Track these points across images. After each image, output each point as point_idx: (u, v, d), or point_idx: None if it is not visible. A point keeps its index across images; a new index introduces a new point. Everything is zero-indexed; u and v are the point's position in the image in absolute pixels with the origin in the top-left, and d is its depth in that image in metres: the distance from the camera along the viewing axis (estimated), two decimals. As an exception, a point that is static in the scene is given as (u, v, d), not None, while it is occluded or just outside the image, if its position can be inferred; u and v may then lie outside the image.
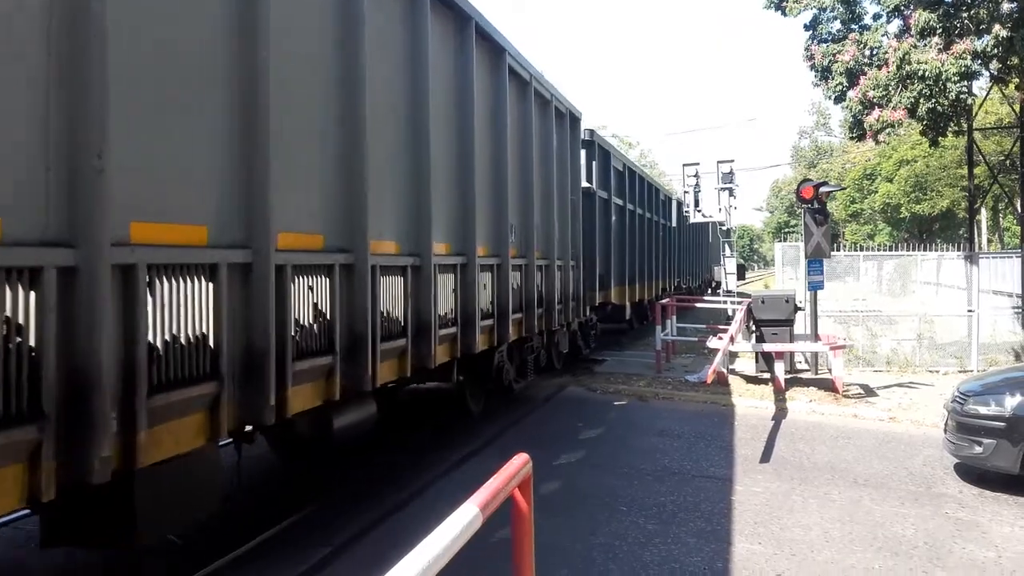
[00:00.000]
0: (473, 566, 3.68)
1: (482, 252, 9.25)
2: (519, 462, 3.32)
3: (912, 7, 16.58)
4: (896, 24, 17.99)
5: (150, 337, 4.14)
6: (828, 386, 13.45)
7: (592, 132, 16.49)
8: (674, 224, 25.68)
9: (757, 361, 14.83)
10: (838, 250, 21.31)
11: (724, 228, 26.40)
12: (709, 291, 33.29)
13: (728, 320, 18.80)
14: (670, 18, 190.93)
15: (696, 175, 24.57)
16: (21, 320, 3.43)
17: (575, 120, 14.05)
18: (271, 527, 6.72)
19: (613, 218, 17.85)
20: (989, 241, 47.59)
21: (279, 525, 6.81)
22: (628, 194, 19.39)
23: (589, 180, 16.09)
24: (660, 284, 23.59)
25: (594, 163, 16.40)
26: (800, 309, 14.96)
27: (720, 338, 13.76)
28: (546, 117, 12.28)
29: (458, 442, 9.87)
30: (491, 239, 9.67)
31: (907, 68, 16.11)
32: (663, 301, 18.66)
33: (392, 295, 7.06)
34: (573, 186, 13.74)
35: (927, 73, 15.84)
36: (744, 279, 44.79)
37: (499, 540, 3.53)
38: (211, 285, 4.61)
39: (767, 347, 13.88)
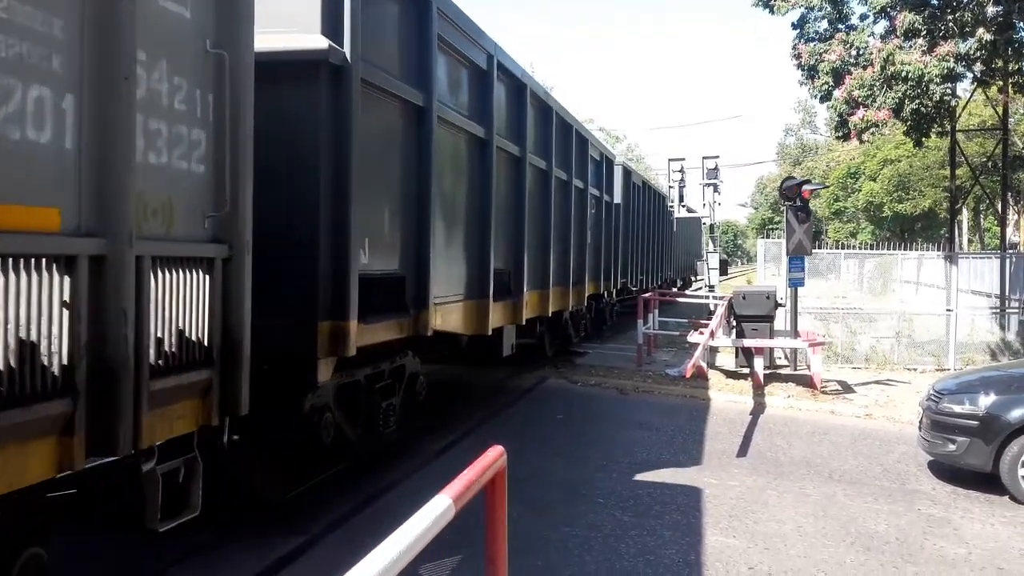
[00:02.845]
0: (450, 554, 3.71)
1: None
2: (494, 454, 3.34)
3: (898, 8, 16.69)
4: (882, 25, 18.11)
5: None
6: (806, 382, 13.56)
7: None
8: (617, 199, 19.20)
9: (737, 356, 14.93)
10: (820, 248, 21.44)
11: (708, 223, 26.30)
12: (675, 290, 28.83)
13: (710, 315, 18.90)
14: (659, 13, 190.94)
15: (681, 170, 24.71)
16: None
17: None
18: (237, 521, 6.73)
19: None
20: (970, 241, 48.02)
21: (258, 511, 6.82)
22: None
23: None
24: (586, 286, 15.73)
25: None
26: (781, 305, 15.07)
27: (701, 333, 13.85)
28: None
29: (436, 433, 9.90)
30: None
31: (891, 69, 16.23)
32: (645, 295, 18.74)
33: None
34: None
35: (910, 74, 15.96)
36: (727, 274, 45.05)
37: (476, 527, 3.56)
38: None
39: (747, 342, 13.97)
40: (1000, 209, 24.37)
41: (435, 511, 2.71)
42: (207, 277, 4.61)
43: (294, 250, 6.19)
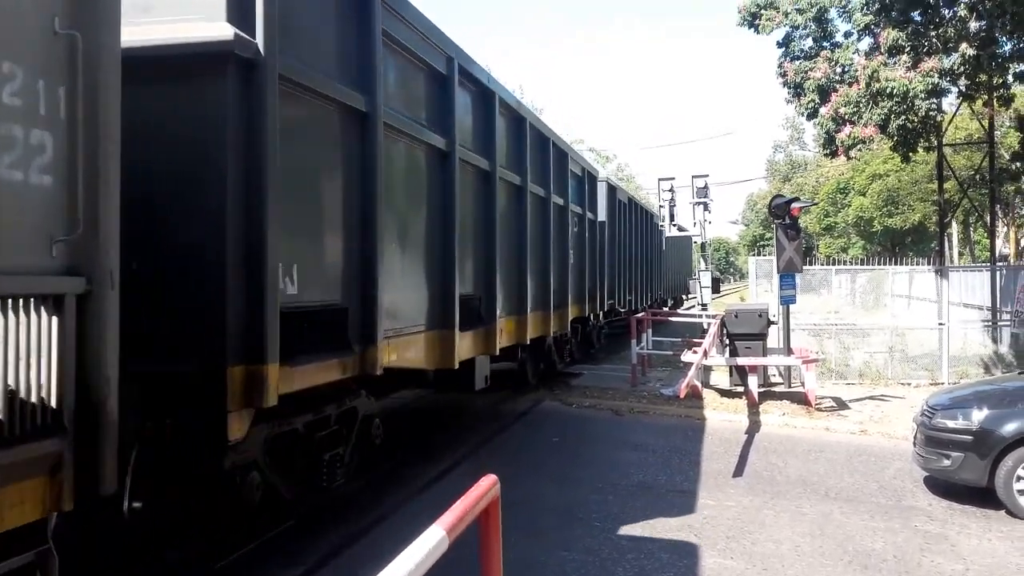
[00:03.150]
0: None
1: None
2: (487, 484, 3.34)
3: (881, 26, 16.88)
4: (867, 42, 18.31)
5: None
6: (801, 399, 13.56)
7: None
8: (601, 217, 18.44)
9: (731, 375, 14.93)
10: (812, 263, 21.59)
11: (699, 241, 26.35)
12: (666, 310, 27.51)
13: (703, 333, 18.91)
14: (646, 34, 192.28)
15: (671, 189, 24.82)
16: None
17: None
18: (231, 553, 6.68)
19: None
20: (960, 255, 48.25)
21: (240, 550, 6.77)
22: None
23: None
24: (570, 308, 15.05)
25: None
26: (773, 323, 15.09)
27: (695, 352, 13.86)
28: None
29: (433, 457, 9.86)
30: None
31: (876, 86, 16.38)
32: (638, 315, 18.75)
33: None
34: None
35: (896, 90, 16.11)
36: (719, 292, 45.08)
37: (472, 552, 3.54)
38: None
39: (741, 361, 13.97)
40: (989, 222, 24.52)
41: (429, 543, 2.70)
42: (54, 319, 3.57)
43: (195, 277, 5.21)
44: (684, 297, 38.99)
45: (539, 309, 12.56)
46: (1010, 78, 18.72)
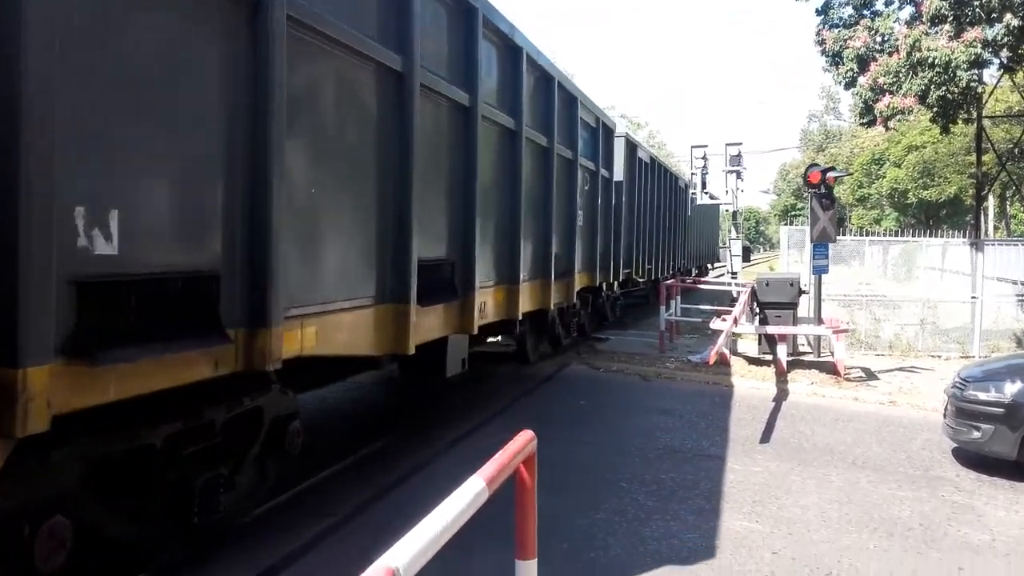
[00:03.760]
0: (472, 538, 3.79)
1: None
2: (524, 439, 3.41)
3: (924, -7, 16.54)
4: (908, 11, 18.01)
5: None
6: (830, 369, 13.54)
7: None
8: (618, 176, 16.54)
9: (760, 343, 14.92)
10: (844, 234, 21.31)
11: (731, 210, 26.13)
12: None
13: (732, 302, 18.87)
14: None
15: (704, 157, 24.60)
16: None
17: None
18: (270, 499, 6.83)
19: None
20: (995, 228, 47.53)
21: (283, 495, 6.93)
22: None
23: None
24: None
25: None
26: (804, 292, 15.04)
27: (724, 319, 13.85)
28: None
29: (454, 420, 9.98)
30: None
31: (917, 55, 16.12)
32: (667, 282, 18.73)
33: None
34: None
35: (937, 61, 15.85)
36: (749, 261, 44.81)
37: (497, 513, 3.63)
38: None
39: (770, 329, 13.96)
40: (1027, 196, 24.14)
41: (470, 493, 2.78)
42: None
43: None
44: (709, 267, 38.68)
45: (538, 277, 11.06)
46: (1054, 49, 18.33)
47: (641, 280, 19.96)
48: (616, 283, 17.65)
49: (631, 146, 18.19)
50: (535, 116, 10.71)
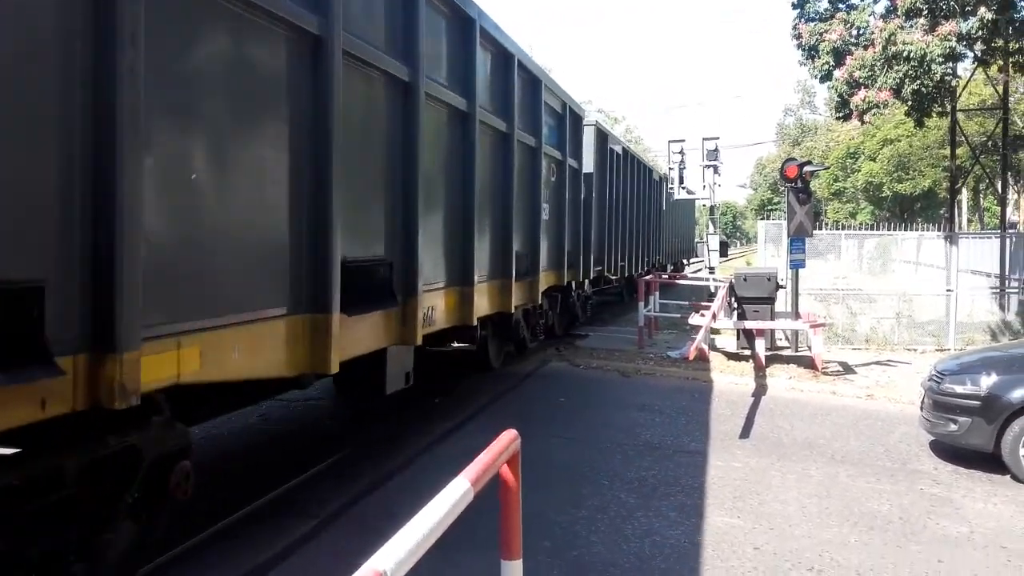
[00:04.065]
0: (457, 537, 3.76)
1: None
2: (508, 438, 3.39)
3: (899, -13, 16.67)
4: (883, 4, 18.14)
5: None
6: (808, 363, 13.62)
7: None
8: (588, 168, 15.80)
9: (738, 338, 14.98)
10: (820, 228, 21.51)
11: (709, 205, 26.20)
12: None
13: (710, 297, 18.94)
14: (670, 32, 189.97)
15: (681, 152, 24.69)
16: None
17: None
18: (250, 502, 6.77)
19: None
20: (969, 221, 48.06)
21: (263, 498, 6.87)
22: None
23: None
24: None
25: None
26: (781, 287, 15.11)
27: (703, 315, 13.89)
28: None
29: (433, 418, 9.93)
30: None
31: (893, 49, 16.24)
32: (646, 278, 18.76)
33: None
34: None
35: (912, 54, 15.97)
36: (727, 256, 45.04)
37: (480, 512, 3.60)
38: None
39: (748, 324, 14.02)
40: (1000, 189, 24.41)
41: (455, 494, 2.75)
42: None
43: None
44: (685, 263, 38.58)
45: (498, 277, 10.10)
46: (1027, 43, 18.55)
47: (614, 278, 19.41)
48: (587, 281, 16.91)
49: (602, 135, 17.49)
50: (492, 97, 9.75)
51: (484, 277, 9.52)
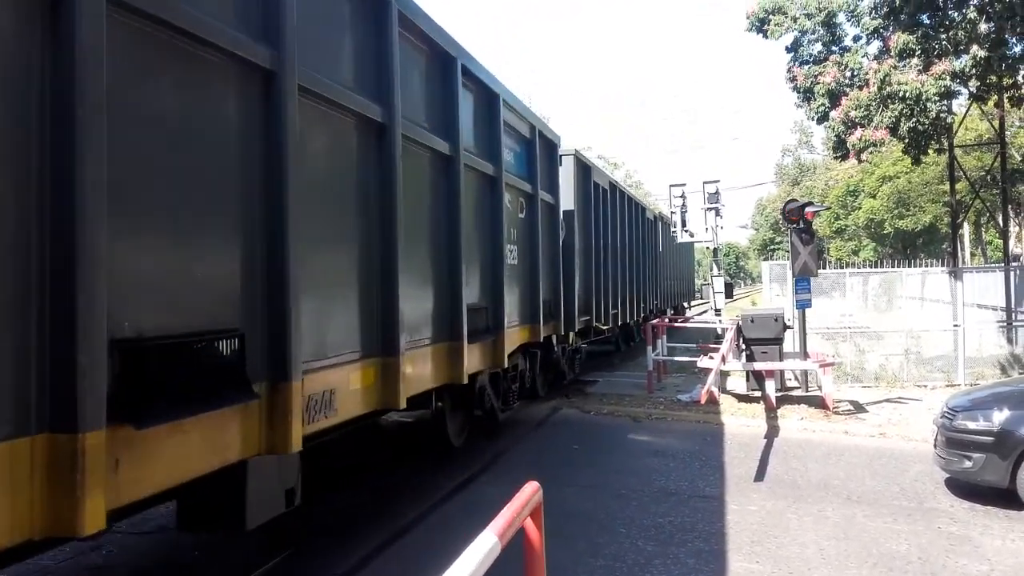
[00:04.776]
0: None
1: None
2: (530, 490, 3.43)
3: (891, 29, 16.94)
4: (876, 45, 18.39)
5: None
6: (818, 403, 13.61)
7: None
8: (568, 204, 14.43)
9: (748, 379, 14.99)
10: (824, 267, 21.57)
11: (712, 247, 26.24)
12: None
13: (717, 339, 18.95)
14: (652, 41, 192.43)
15: (683, 195, 24.82)
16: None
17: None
18: (265, 562, 6.77)
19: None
20: (972, 255, 48.12)
21: (274, 559, 6.86)
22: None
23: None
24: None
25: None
26: (789, 327, 15.15)
27: (711, 358, 13.91)
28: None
29: (446, 467, 9.93)
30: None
31: (888, 89, 16.45)
32: (653, 322, 18.80)
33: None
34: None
35: (907, 94, 16.18)
36: (732, 297, 45.00)
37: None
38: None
39: (757, 366, 14.04)
40: (1002, 222, 24.50)
41: (483, 548, 2.78)
42: None
43: None
44: (685, 306, 38.11)
45: (443, 340, 8.06)
46: (1020, 78, 18.76)
47: (606, 328, 17.76)
48: (572, 334, 14.92)
49: (583, 167, 15.58)
50: (426, 108, 7.91)
51: (422, 341, 7.58)
